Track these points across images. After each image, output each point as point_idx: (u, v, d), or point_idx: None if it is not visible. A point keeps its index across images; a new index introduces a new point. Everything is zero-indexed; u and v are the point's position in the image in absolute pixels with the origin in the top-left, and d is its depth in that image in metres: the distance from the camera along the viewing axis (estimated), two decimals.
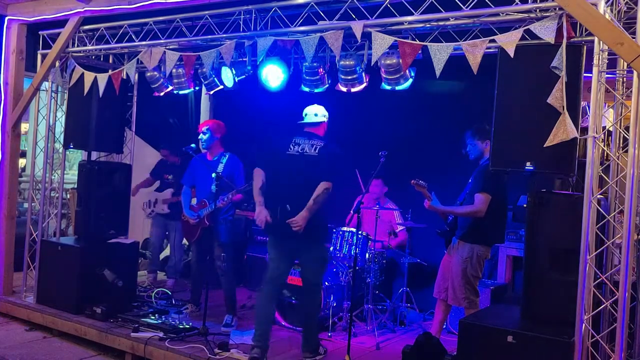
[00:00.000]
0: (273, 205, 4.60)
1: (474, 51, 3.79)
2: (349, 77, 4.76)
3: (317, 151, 4.61)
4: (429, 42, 4.07)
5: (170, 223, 7.05)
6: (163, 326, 5.06)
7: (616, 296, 3.39)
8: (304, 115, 4.83)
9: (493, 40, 3.77)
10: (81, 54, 5.96)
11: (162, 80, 5.77)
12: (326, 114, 4.85)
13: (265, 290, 4.78)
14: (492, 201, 4.55)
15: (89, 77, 5.66)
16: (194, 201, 5.85)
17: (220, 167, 5.56)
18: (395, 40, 4.12)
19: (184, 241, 7.05)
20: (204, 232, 5.60)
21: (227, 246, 5.60)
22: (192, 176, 5.83)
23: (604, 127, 3.71)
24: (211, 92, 5.72)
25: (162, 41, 5.31)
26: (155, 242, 7.20)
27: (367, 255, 5.78)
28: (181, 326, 5.06)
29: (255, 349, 4.56)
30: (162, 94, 5.95)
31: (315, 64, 4.85)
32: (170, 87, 5.81)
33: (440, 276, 4.90)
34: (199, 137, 5.69)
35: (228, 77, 5.40)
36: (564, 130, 3.49)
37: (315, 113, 4.79)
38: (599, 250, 3.51)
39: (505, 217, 4.85)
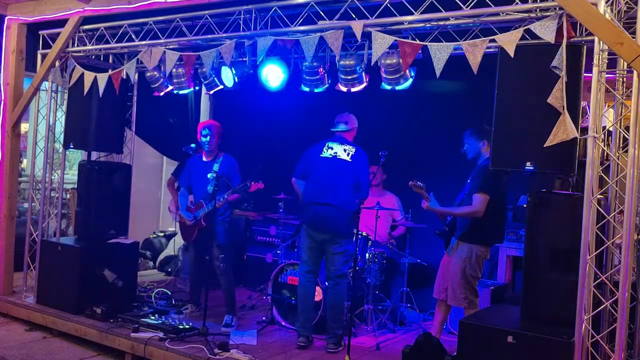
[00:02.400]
0: (309, 200, 5.06)
1: (474, 51, 3.79)
2: (349, 77, 4.76)
3: (349, 157, 5.09)
4: (429, 42, 4.07)
5: None
6: (163, 326, 5.06)
7: (616, 296, 3.39)
8: (336, 123, 5.24)
9: (493, 40, 3.77)
10: (81, 54, 5.96)
11: (162, 80, 5.76)
12: (356, 121, 5.29)
13: (302, 281, 5.16)
14: (491, 201, 4.55)
15: (89, 77, 5.66)
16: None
17: (216, 167, 5.57)
18: (395, 40, 4.11)
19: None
20: (201, 233, 5.60)
21: (225, 247, 5.59)
22: (189, 177, 5.84)
23: (604, 127, 3.71)
24: (211, 92, 5.71)
25: (162, 41, 5.31)
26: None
27: (367, 255, 5.78)
28: (181, 326, 5.06)
29: (301, 337, 5.01)
30: (162, 93, 5.94)
31: (315, 64, 4.84)
32: (170, 87, 5.80)
33: (440, 276, 4.90)
34: (202, 139, 5.66)
35: (228, 77, 5.39)
36: (564, 130, 3.49)
37: (346, 121, 5.24)
38: (599, 250, 3.51)
39: (505, 217, 4.85)
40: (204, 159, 5.73)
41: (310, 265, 5.12)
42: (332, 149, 5.12)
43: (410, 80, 4.62)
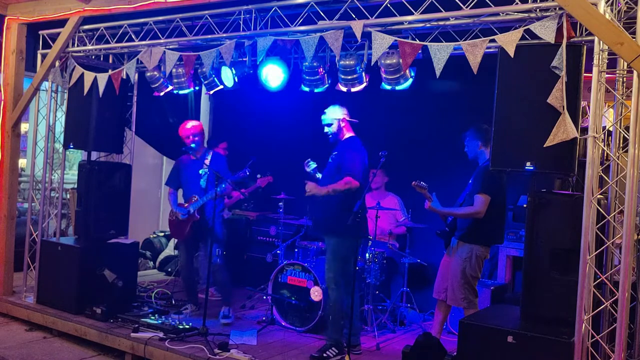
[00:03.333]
0: (365, 211, 4.86)
1: (474, 51, 3.79)
2: (349, 77, 4.76)
3: None
4: (429, 42, 4.07)
5: None
6: (163, 326, 5.06)
7: (616, 296, 3.39)
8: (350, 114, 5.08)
9: (493, 40, 3.77)
10: (81, 54, 5.96)
11: (162, 80, 5.77)
12: None
13: (345, 290, 4.80)
14: (492, 202, 4.56)
15: (89, 77, 5.66)
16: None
17: (207, 162, 5.66)
18: (395, 40, 4.12)
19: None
20: (195, 228, 5.65)
21: (222, 242, 5.66)
22: (178, 177, 5.91)
23: (604, 127, 3.71)
24: (211, 92, 5.72)
25: (162, 41, 5.31)
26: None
27: (367, 255, 5.77)
28: (181, 326, 5.06)
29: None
30: (162, 93, 5.95)
31: (315, 64, 4.84)
32: (170, 87, 5.81)
33: (440, 277, 4.90)
34: (191, 144, 5.72)
35: (228, 77, 5.40)
36: (564, 130, 3.49)
37: None
38: (599, 250, 3.51)
39: (504, 218, 4.86)
40: (192, 157, 5.81)
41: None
42: None
43: (410, 80, 4.62)
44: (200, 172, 5.65)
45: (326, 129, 5.06)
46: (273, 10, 4.75)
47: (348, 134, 5.06)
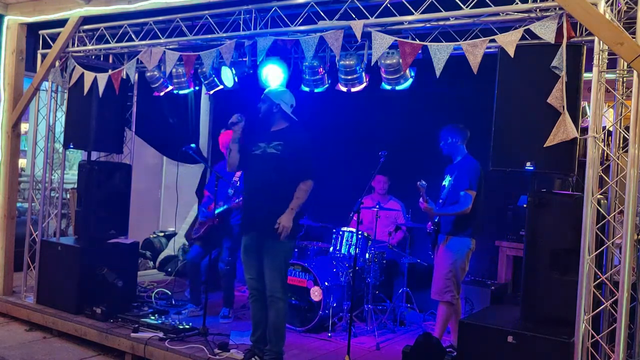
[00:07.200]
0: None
1: (474, 51, 3.79)
2: (349, 77, 4.76)
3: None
4: (429, 42, 4.07)
5: None
6: (163, 326, 5.06)
7: (616, 296, 3.39)
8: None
9: (493, 40, 3.77)
10: (81, 54, 5.96)
11: (162, 80, 5.77)
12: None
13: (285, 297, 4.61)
14: (475, 196, 4.74)
15: (89, 77, 5.66)
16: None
17: (238, 175, 5.71)
18: (395, 40, 4.12)
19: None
20: (211, 231, 5.73)
21: (235, 250, 5.70)
22: (213, 184, 6.00)
23: (604, 127, 3.71)
24: (211, 92, 5.72)
25: (162, 41, 5.31)
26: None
27: (367, 255, 5.77)
28: (181, 326, 5.06)
29: None
30: (162, 93, 5.95)
31: (315, 64, 4.84)
32: (170, 87, 5.81)
33: None
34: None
35: (228, 77, 5.40)
36: (564, 130, 3.49)
37: None
38: (599, 250, 3.51)
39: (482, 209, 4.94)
40: (228, 169, 5.84)
41: None
42: None
43: (410, 80, 4.63)
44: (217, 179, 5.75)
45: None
46: (273, 10, 4.75)
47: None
